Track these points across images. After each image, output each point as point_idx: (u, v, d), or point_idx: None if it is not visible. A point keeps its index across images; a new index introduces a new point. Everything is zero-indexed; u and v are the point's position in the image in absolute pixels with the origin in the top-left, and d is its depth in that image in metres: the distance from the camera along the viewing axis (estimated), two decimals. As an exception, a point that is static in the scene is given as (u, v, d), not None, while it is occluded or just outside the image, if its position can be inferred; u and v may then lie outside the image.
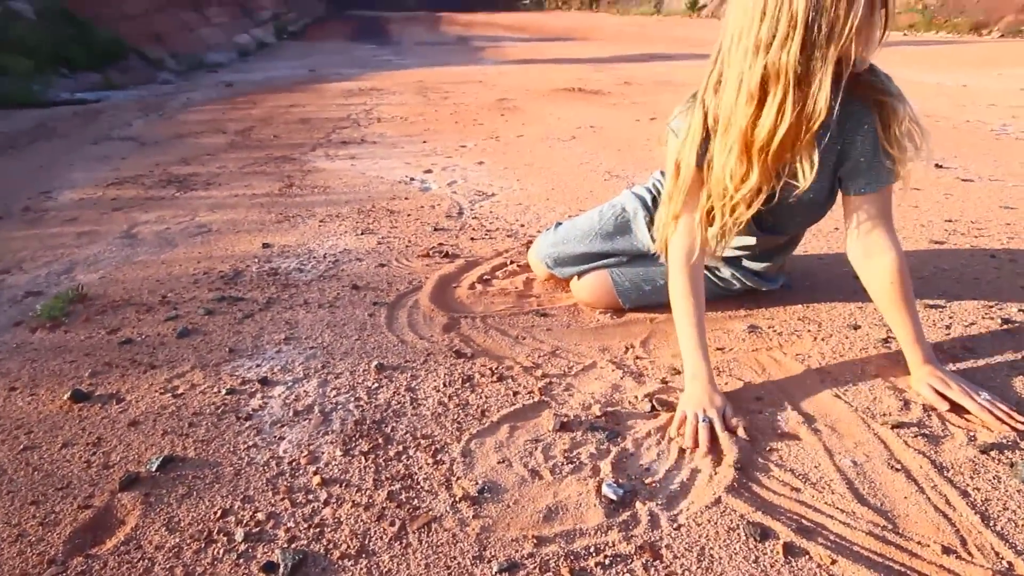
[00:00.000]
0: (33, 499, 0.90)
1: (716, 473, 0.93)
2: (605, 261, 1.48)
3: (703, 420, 1.01)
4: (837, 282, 1.57)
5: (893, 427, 1.02)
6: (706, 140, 1.06)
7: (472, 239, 1.98)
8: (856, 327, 1.36)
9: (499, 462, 0.97)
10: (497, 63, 8.35)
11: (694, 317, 1.11)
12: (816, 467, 0.94)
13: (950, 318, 1.39)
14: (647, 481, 0.92)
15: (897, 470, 0.93)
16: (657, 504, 0.88)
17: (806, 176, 1.00)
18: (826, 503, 0.87)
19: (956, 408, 1.03)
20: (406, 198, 2.45)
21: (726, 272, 1.42)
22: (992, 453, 0.95)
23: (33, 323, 1.43)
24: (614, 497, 0.89)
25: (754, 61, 0.93)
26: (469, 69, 7.58)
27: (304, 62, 8.90)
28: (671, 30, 14.65)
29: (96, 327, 1.41)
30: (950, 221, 2.04)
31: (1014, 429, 0.99)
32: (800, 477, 0.92)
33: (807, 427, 1.03)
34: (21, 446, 1.01)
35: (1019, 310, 1.42)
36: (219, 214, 2.29)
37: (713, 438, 0.99)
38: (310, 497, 0.90)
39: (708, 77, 1.04)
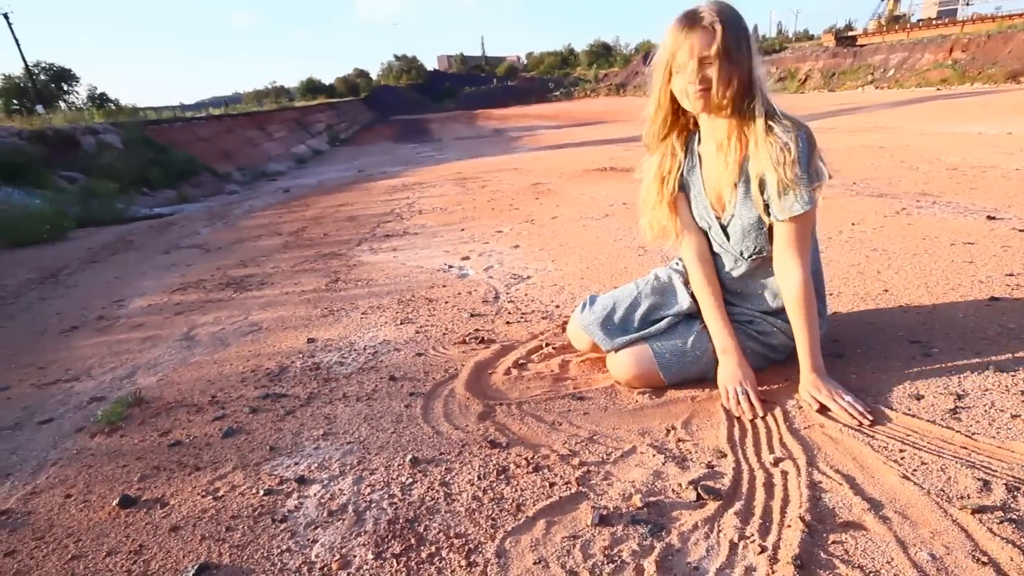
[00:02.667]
0: (75, 611, 0.91)
1: (773, 572, 0.85)
2: (644, 332, 1.45)
3: (741, 393, 1.28)
4: (892, 348, 1.48)
5: (974, 512, 0.91)
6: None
7: (508, 323, 1.99)
8: (919, 397, 1.26)
9: (535, 562, 0.92)
10: (531, 150, 8.78)
11: (715, 301, 1.38)
12: (888, 563, 0.85)
13: (1026, 382, 1.27)
14: (696, 582, 0.85)
15: (984, 563, 0.82)
16: (708, 610, 0.80)
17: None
18: (904, 606, 0.77)
19: (823, 409, 1.23)
20: (444, 286, 2.52)
21: (763, 325, 1.40)
22: (1098, 541, 0.83)
23: (93, 428, 1.51)
24: (660, 602, 0.82)
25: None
26: (505, 158, 7.99)
27: (354, 164, 9.64)
28: (698, 105, 15.07)
29: (149, 430, 1.48)
30: (1011, 275, 1.91)
31: (860, 424, 1.16)
32: (871, 575, 0.83)
33: (874, 514, 0.94)
34: (69, 555, 1.04)
35: (1107, 369, 1.28)
36: (270, 312, 2.42)
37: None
38: (340, 606, 0.87)
39: None
